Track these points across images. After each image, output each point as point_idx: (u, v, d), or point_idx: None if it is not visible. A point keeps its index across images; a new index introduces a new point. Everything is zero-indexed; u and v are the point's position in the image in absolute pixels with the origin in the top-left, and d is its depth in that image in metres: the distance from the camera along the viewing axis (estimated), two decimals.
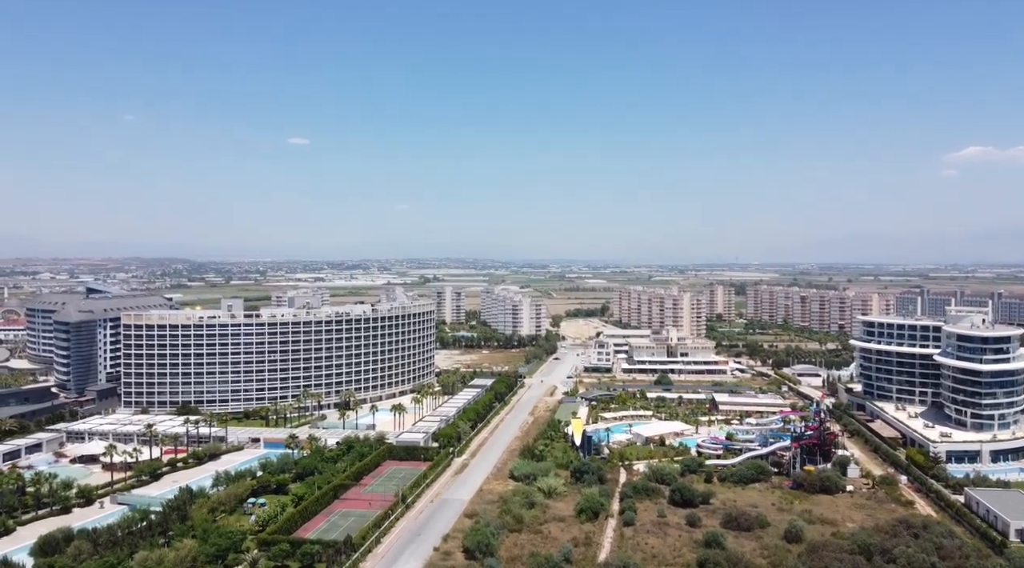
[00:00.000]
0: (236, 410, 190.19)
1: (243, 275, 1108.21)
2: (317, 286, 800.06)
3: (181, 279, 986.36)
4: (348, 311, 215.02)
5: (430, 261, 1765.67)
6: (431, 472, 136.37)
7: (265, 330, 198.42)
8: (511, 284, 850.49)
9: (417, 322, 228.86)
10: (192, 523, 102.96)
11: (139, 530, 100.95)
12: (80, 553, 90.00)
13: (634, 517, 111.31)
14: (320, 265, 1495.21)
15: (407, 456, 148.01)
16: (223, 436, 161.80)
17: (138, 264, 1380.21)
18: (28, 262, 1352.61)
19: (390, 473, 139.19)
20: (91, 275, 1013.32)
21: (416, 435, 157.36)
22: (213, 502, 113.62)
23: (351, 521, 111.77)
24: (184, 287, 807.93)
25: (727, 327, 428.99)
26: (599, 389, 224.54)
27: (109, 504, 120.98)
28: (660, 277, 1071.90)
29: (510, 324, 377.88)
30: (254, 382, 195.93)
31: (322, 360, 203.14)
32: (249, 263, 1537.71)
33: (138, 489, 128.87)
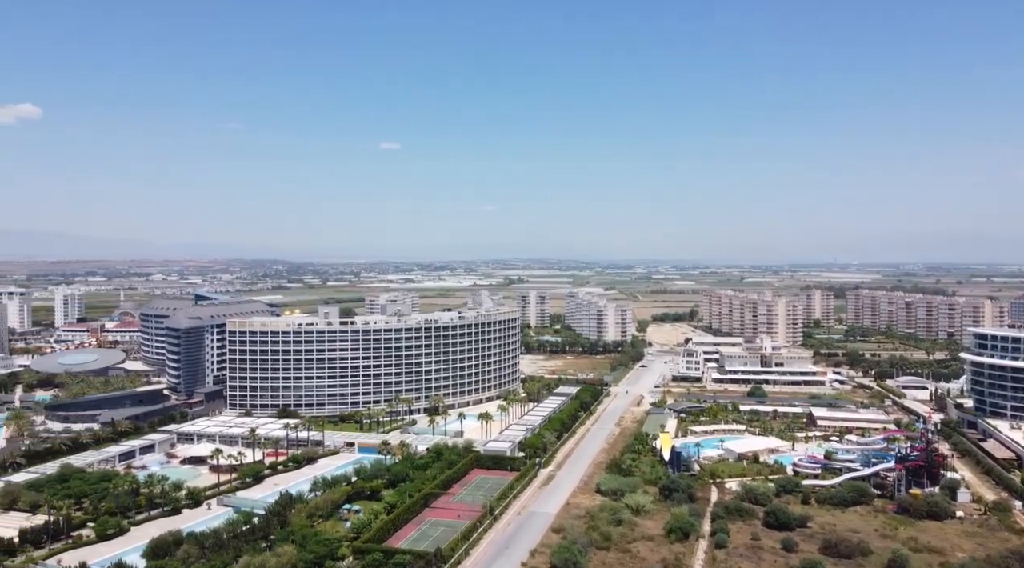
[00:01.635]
0: (332, 414, 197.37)
1: (338, 276, 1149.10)
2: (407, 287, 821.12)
3: (281, 280, 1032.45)
4: (436, 318, 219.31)
5: (514, 262, 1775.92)
6: (518, 483, 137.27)
7: (359, 336, 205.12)
8: (595, 286, 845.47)
9: (503, 328, 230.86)
10: (291, 528, 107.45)
11: (242, 533, 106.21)
12: (189, 556, 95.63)
13: (726, 539, 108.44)
14: (410, 266, 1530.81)
15: (494, 465, 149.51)
16: (320, 440, 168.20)
17: (241, 265, 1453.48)
18: (142, 264, 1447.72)
19: (478, 482, 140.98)
20: (199, 276, 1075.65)
21: (503, 444, 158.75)
22: (311, 508, 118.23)
23: (441, 531, 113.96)
24: (284, 288, 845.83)
25: (825, 334, 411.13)
26: (688, 400, 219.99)
27: (216, 506, 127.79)
28: (752, 279, 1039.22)
29: (595, 329, 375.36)
30: (348, 386, 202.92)
31: (412, 366, 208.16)
32: (344, 264, 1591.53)
33: (242, 491, 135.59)
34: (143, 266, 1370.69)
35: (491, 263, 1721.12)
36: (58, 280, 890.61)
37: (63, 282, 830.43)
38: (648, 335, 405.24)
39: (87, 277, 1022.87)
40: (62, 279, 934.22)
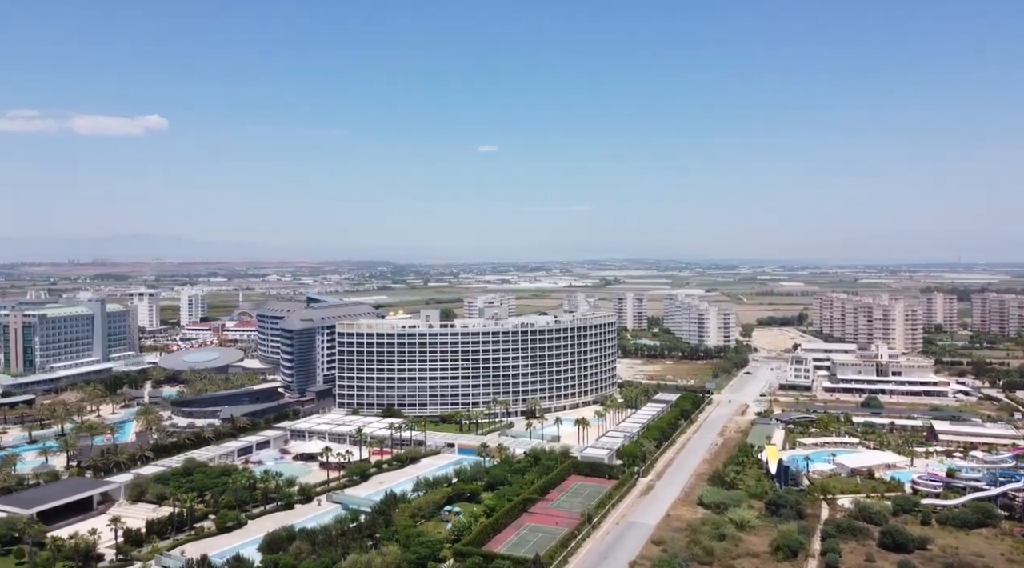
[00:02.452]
0: (433, 414, 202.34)
1: (438, 277, 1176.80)
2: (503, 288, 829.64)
3: (385, 281, 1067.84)
4: (532, 322, 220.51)
5: (610, 263, 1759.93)
6: (616, 492, 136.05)
7: (458, 339, 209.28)
8: (696, 287, 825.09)
9: (599, 332, 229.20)
10: (395, 528, 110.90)
11: (350, 531, 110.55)
12: (300, 552, 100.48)
13: (838, 560, 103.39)
14: (506, 267, 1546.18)
15: (592, 472, 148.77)
16: (422, 440, 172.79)
17: (349, 267, 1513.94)
18: (258, 265, 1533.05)
19: (575, 489, 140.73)
20: (310, 277, 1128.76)
21: (600, 451, 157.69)
22: (414, 508, 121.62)
23: (539, 537, 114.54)
24: (388, 289, 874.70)
25: (948, 341, 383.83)
26: (797, 410, 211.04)
27: (325, 502, 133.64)
28: (867, 280, 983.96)
29: (695, 333, 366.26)
30: (448, 388, 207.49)
31: (508, 369, 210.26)
32: (443, 265, 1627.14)
33: (349, 489, 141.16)
34: (259, 267, 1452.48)
35: (587, 263, 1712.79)
36: (183, 281, 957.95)
37: (187, 283, 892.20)
38: (753, 340, 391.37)
39: (209, 278, 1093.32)
40: (187, 280, 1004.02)
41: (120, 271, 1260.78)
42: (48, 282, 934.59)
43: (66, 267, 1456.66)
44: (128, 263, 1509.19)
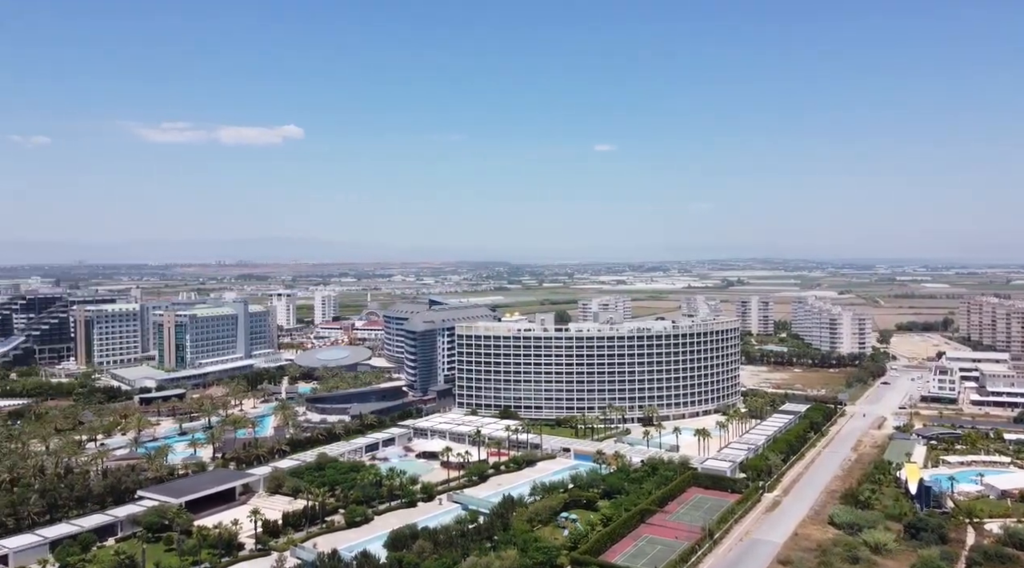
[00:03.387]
0: (548, 418, 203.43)
1: (553, 277, 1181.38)
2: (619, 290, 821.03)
3: (502, 281, 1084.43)
4: (649, 327, 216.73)
5: (732, 262, 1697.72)
6: (739, 507, 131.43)
7: (573, 343, 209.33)
8: (827, 289, 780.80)
9: (720, 338, 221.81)
10: (513, 532, 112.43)
11: (469, 532, 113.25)
12: (423, 551, 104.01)
13: None
14: (621, 268, 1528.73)
15: (713, 485, 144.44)
16: (538, 443, 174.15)
17: (467, 267, 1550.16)
18: (384, 266, 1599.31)
19: (695, 501, 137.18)
20: (431, 277, 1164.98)
21: (722, 463, 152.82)
22: (531, 512, 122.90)
23: (657, 550, 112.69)
24: (504, 290, 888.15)
25: None
26: (940, 425, 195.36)
27: (446, 501, 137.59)
28: (1021, 281, 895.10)
29: (826, 339, 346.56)
30: (564, 392, 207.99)
31: (624, 374, 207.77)
32: (558, 265, 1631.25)
33: (468, 489, 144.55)
34: (385, 268, 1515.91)
35: (707, 263, 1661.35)
36: (317, 281, 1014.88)
37: (321, 283, 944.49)
38: (891, 347, 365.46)
39: (340, 278, 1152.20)
40: (320, 280, 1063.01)
41: (261, 271, 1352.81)
42: (197, 282, 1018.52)
43: (213, 267, 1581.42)
44: (268, 264, 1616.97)
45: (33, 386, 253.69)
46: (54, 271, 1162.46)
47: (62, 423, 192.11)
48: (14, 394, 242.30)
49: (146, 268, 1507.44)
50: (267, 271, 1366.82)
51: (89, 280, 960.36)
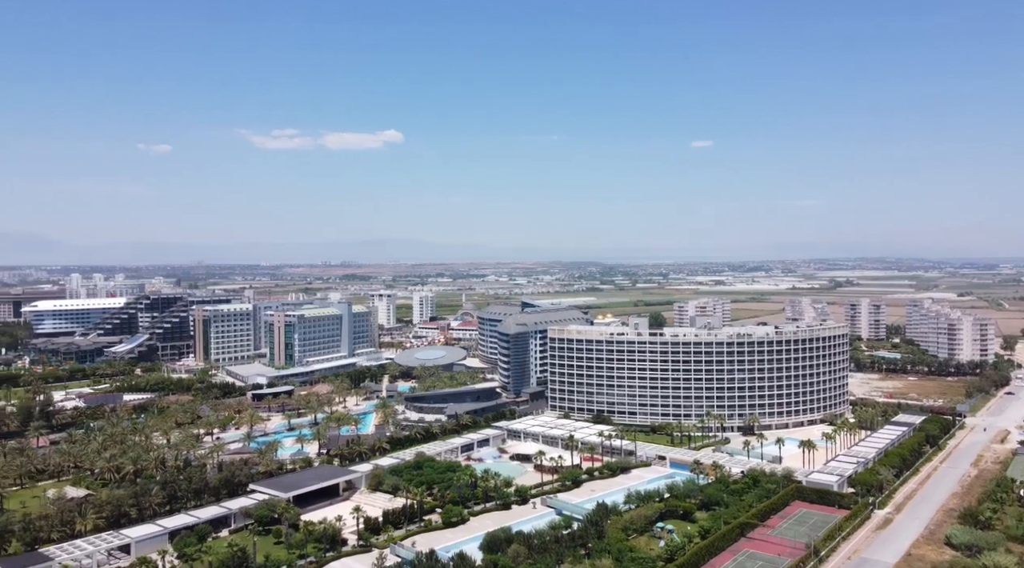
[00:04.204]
0: (643, 424, 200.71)
1: (647, 278, 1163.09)
2: (717, 291, 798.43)
3: (594, 282, 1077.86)
4: (749, 333, 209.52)
5: (841, 262, 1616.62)
6: (847, 523, 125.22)
7: (668, 348, 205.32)
8: (945, 290, 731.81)
9: (827, 345, 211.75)
10: (608, 541, 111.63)
11: (563, 538, 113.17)
12: (518, 555, 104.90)
13: None
14: (720, 267, 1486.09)
15: (818, 500, 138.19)
16: (632, 450, 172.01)
17: (559, 268, 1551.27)
18: (478, 266, 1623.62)
19: (799, 516, 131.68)
20: (524, 277, 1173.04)
21: (829, 477, 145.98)
22: (625, 521, 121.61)
23: (758, 566, 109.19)
24: (596, 290, 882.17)
25: None
26: None
27: (540, 505, 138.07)
28: None
29: (944, 345, 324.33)
30: (659, 398, 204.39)
31: (723, 381, 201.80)
32: (652, 265, 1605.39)
33: (562, 494, 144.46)
34: (479, 268, 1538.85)
35: (813, 263, 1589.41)
36: (415, 281, 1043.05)
37: (419, 283, 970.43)
38: (1016, 354, 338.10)
39: (437, 278, 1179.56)
40: (418, 280, 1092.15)
41: (363, 272, 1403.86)
42: (305, 282, 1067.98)
43: (320, 268, 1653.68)
44: (370, 264, 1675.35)
45: (156, 381, 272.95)
46: (175, 271, 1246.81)
47: (182, 417, 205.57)
48: (139, 389, 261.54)
49: (258, 268, 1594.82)
50: (369, 271, 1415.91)
51: (207, 280, 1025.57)
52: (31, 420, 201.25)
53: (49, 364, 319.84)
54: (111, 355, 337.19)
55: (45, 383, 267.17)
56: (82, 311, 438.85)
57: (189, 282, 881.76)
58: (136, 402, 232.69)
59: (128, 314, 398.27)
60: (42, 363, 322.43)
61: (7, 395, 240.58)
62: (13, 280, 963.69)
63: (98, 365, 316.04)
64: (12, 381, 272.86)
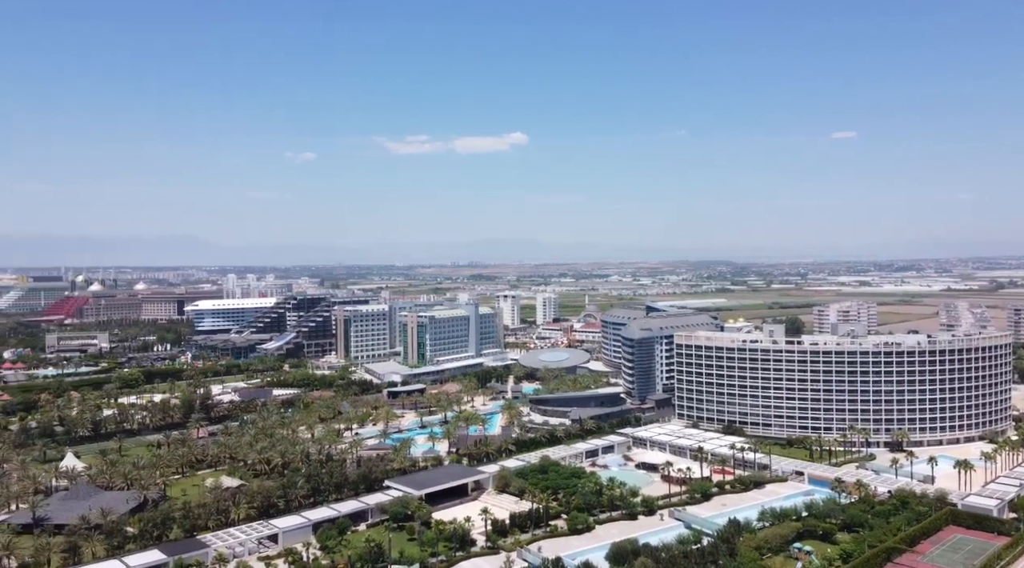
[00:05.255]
0: (778, 436, 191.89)
1: (783, 278, 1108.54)
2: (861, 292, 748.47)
3: (724, 282, 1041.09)
4: (899, 341, 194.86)
5: (1002, 260, 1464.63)
6: (1007, 552, 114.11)
7: (807, 357, 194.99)
8: None
9: (987, 355, 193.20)
10: (741, 559, 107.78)
11: (692, 554, 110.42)
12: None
13: None
14: (865, 266, 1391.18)
15: (975, 525, 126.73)
16: (766, 464, 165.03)
17: (686, 267, 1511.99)
18: (601, 266, 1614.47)
19: (953, 543, 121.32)
20: (648, 278, 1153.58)
21: (988, 500, 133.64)
22: (759, 539, 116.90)
23: None
24: (727, 291, 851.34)
25: None
26: None
27: (667, 517, 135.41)
28: None
29: None
30: (796, 409, 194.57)
31: (868, 394, 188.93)
32: (789, 264, 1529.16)
33: (691, 507, 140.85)
34: (602, 268, 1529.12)
35: (971, 262, 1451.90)
36: (539, 281, 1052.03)
37: (542, 283, 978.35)
38: None
39: (559, 279, 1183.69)
40: (542, 280, 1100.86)
41: (489, 272, 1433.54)
42: (435, 282, 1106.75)
43: (449, 268, 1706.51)
44: (495, 265, 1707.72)
45: (301, 377, 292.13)
46: (319, 272, 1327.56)
47: (324, 413, 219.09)
48: (286, 384, 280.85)
49: (393, 269, 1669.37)
50: (494, 271, 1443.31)
51: (347, 280, 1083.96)
52: (192, 412, 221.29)
53: (208, 359, 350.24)
54: (262, 352, 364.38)
55: (204, 377, 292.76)
56: (237, 310, 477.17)
57: (331, 282, 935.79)
58: (284, 397, 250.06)
59: (277, 313, 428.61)
60: (202, 358, 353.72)
61: (171, 388, 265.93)
62: (177, 280, 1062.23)
63: (251, 361, 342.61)
64: (176, 375, 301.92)
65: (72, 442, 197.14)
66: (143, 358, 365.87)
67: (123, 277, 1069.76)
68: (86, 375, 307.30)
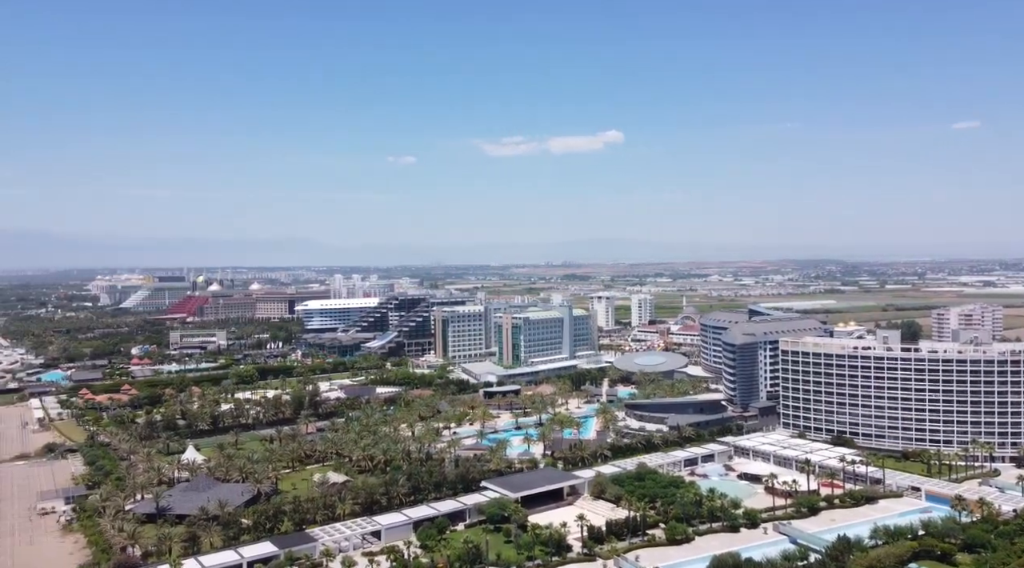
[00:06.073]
0: (892, 449, 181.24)
1: (898, 278, 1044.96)
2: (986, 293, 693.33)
3: (833, 282, 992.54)
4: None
5: None
6: None
7: (925, 366, 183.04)
8: None
9: None
10: None
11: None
12: None
13: None
14: (989, 265, 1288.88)
15: None
16: (879, 478, 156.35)
17: (792, 266, 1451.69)
18: (700, 265, 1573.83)
19: None
20: (751, 278, 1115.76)
21: None
22: (872, 559, 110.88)
23: None
24: (836, 292, 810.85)
25: None
26: None
27: (772, 531, 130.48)
28: None
29: None
30: (912, 421, 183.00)
31: (993, 405, 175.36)
32: (904, 264, 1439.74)
33: (797, 521, 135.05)
34: (701, 267, 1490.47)
35: None
36: (633, 281, 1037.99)
37: (637, 283, 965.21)
38: None
39: (656, 278, 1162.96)
40: (636, 280, 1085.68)
41: (583, 272, 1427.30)
42: (529, 282, 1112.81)
43: (542, 268, 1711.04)
44: (589, 264, 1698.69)
45: (402, 376, 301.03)
46: (419, 272, 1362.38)
47: (424, 411, 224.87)
48: (388, 382, 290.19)
49: (488, 268, 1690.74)
50: (588, 271, 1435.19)
51: (444, 280, 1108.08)
52: (302, 408, 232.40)
53: (316, 357, 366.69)
54: (366, 350, 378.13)
55: (313, 374, 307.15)
56: (343, 310, 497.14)
57: (430, 282, 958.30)
58: (386, 395, 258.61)
59: (380, 313, 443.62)
60: (311, 356, 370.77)
61: (283, 385, 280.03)
62: (288, 280, 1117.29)
63: (355, 359, 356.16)
64: (287, 372, 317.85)
65: (193, 435, 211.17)
66: (257, 355, 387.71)
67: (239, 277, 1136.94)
68: (206, 371, 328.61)
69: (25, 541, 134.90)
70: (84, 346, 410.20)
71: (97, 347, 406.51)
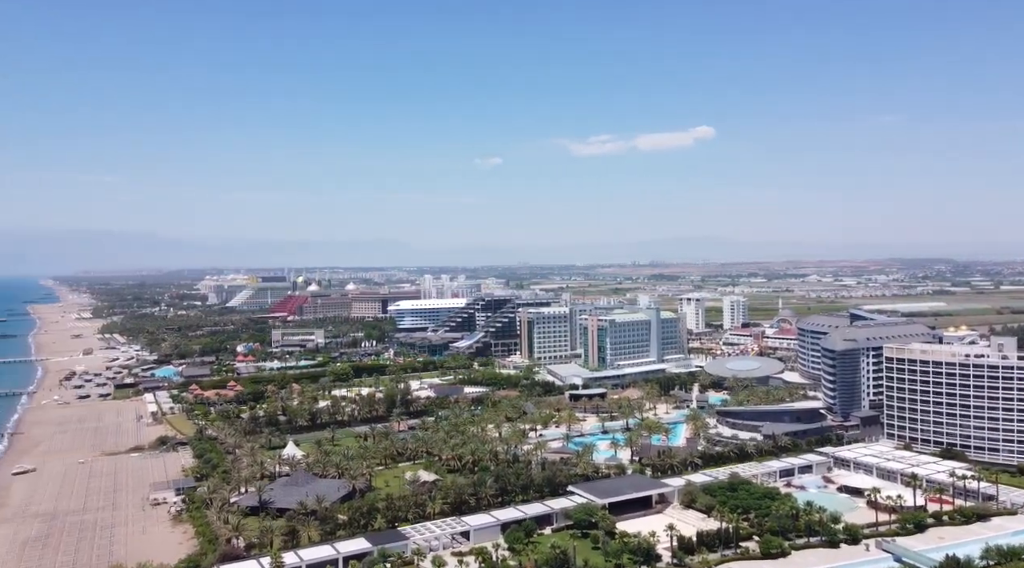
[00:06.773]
0: (1007, 463, 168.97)
1: (1014, 278, 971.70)
2: None
3: (943, 283, 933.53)
4: None
5: None
6: None
7: None
8: None
9: None
10: None
11: None
12: None
13: None
14: None
15: None
16: (993, 494, 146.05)
17: (898, 266, 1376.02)
18: (797, 264, 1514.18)
19: None
20: (852, 278, 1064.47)
21: None
22: None
23: None
24: (946, 293, 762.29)
25: None
26: None
27: (874, 548, 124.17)
28: None
29: None
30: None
31: None
32: (1022, 262, 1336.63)
33: (901, 538, 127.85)
34: (798, 267, 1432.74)
35: None
36: (725, 282, 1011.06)
37: (729, 283, 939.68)
38: None
39: (749, 279, 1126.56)
40: (728, 280, 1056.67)
41: (671, 271, 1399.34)
42: (615, 282, 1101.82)
43: (629, 268, 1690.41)
44: (677, 264, 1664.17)
45: (489, 376, 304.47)
46: (505, 272, 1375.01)
47: (510, 412, 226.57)
48: (476, 382, 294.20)
49: (573, 268, 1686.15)
50: (676, 271, 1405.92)
51: (530, 280, 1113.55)
52: (394, 406, 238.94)
53: (408, 356, 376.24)
54: (454, 350, 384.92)
55: (404, 373, 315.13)
56: (432, 310, 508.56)
57: (516, 282, 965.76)
58: (474, 395, 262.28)
59: (468, 313, 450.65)
60: (403, 355, 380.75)
61: (376, 383, 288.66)
62: (381, 280, 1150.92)
63: (444, 358, 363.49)
64: (380, 370, 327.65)
65: (292, 431, 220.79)
66: (352, 353, 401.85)
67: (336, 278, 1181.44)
68: (305, 369, 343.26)
69: (138, 531, 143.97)
70: (194, 343, 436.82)
71: (206, 344, 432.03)
